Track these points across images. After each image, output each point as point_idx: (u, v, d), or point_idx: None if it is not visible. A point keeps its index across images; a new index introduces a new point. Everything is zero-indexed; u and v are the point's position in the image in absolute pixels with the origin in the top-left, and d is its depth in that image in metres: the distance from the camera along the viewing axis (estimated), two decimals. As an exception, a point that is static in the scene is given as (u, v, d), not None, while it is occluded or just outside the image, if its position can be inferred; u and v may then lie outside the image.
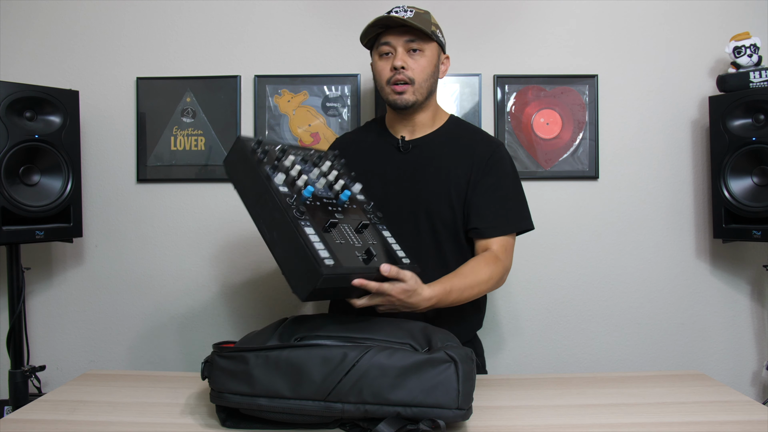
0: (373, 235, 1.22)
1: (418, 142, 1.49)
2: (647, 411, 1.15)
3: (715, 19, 2.08)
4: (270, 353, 1.02)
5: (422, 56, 1.42)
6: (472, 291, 1.31)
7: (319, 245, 1.05)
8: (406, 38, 1.41)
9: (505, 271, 1.39)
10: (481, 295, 1.36)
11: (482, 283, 1.33)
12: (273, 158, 1.21)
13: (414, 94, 1.42)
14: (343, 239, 1.13)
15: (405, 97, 1.42)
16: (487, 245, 1.41)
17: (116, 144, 2.14)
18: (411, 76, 1.41)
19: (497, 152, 1.46)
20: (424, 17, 1.43)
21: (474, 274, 1.32)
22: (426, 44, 1.43)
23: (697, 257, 2.11)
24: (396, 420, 0.98)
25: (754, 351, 2.10)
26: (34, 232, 1.80)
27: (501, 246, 1.41)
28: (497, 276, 1.36)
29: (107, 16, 2.13)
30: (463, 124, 1.56)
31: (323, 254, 1.04)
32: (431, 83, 1.45)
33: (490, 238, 1.41)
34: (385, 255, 1.19)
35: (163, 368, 2.13)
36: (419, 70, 1.42)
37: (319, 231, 1.09)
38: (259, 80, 2.10)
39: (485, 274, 1.33)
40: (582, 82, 2.09)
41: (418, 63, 1.42)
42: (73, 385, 1.32)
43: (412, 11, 1.42)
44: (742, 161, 1.88)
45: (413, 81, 1.41)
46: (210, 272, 2.14)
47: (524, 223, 1.46)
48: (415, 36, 1.41)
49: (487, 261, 1.36)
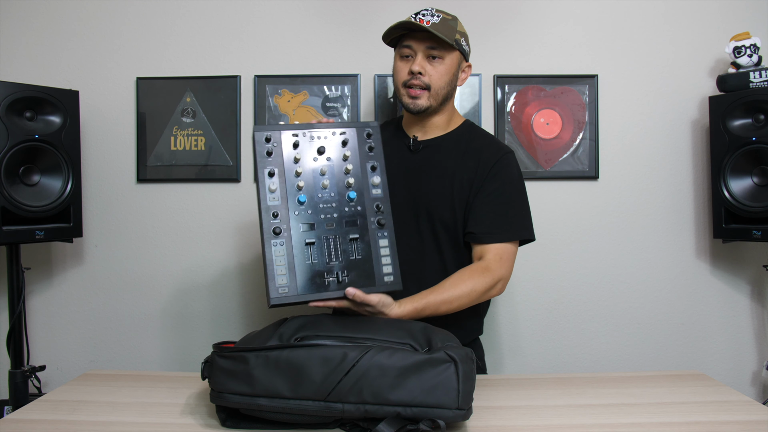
0: (363, 247, 1.22)
1: (429, 143, 1.49)
2: (647, 411, 1.15)
3: (715, 19, 2.08)
4: (270, 353, 1.02)
5: (441, 63, 1.41)
6: (450, 305, 1.31)
7: (280, 269, 1.13)
8: (428, 44, 1.40)
9: (495, 281, 1.36)
10: (463, 308, 1.34)
11: (462, 296, 1.31)
12: (279, 154, 1.21)
13: (428, 100, 1.41)
14: (319, 257, 1.18)
15: (419, 102, 1.41)
16: (483, 252, 1.39)
17: (116, 144, 2.14)
18: (428, 82, 1.40)
19: (504, 159, 1.44)
20: (450, 24, 1.41)
21: (454, 287, 1.31)
22: (447, 52, 1.41)
23: (697, 257, 2.11)
24: (396, 420, 0.98)
25: (754, 351, 2.10)
26: (34, 232, 1.80)
27: (496, 254, 1.38)
28: (481, 288, 1.33)
29: (107, 16, 2.13)
30: (476, 130, 1.54)
31: (280, 281, 1.13)
32: (448, 90, 1.44)
33: (486, 244, 1.39)
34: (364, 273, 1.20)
35: (163, 368, 2.13)
36: (437, 77, 1.41)
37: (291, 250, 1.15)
38: (259, 80, 2.10)
39: (466, 287, 1.31)
40: (582, 82, 2.09)
41: (436, 70, 1.41)
42: (73, 385, 1.32)
43: (440, 17, 1.40)
44: (742, 161, 1.87)
45: (429, 87, 1.40)
46: (210, 272, 2.14)
47: (524, 233, 1.43)
48: (437, 43, 1.39)
49: (472, 273, 1.34)
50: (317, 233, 1.19)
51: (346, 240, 1.20)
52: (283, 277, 1.13)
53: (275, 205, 1.18)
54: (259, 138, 1.21)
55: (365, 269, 1.20)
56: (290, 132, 1.23)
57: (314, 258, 1.17)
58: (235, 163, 2.11)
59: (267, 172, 1.19)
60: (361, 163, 1.27)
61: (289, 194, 1.19)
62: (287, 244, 1.15)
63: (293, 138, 1.23)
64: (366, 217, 1.24)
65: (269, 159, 1.20)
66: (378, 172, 1.27)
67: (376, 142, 1.29)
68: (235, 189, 2.12)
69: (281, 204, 1.18)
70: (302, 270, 1.16)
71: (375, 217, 1.24)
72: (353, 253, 1.20)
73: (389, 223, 1.25)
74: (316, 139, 1.25)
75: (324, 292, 1.17)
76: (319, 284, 1.17)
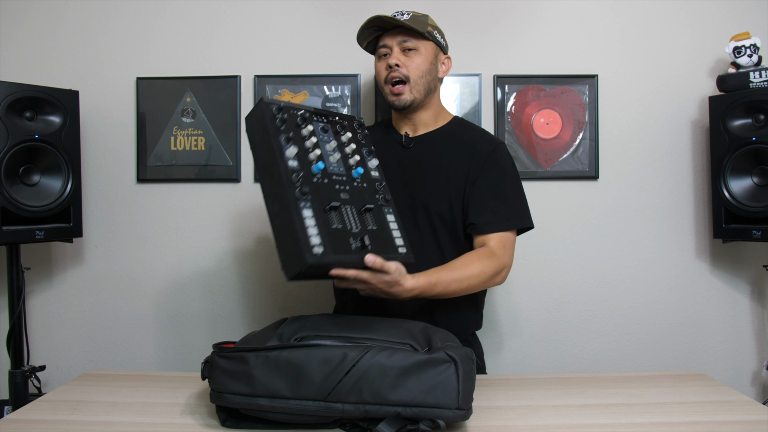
0: (376, 219, 1.21)
1: (420, 139, 1.51)
2: (647, 411, 1.15)
3: (715, 19, 2.08)
4: (270, 353, 1.02)
5: (417, 54, 1.46)
6: (460, 284, 1.31)
7: (312, 230, 1.07)
8: (400, 38, 1.46)
9: (501, 267, 1.38)
10: (471, 290, 1.35)
11: (472, 277, 1.32)
12: (292, 126, 1.20)
13: (411, 93, 1.45)
14: (341, 223, 1.14)
15: (402, 98, 1.45)
16: (485, 241, 1.41)
17: (116, 144, 2.14)
18: (405, 74, 1.45)
19: (497, 150, 1.47)
20: (420, 19, 1.47)
21: (464, 267, 1.32)
22: (420, 43, 1.46)
23: (697, 257, 2.11)
24: (396, 420, 0.98)
25: (754, 351, 2.10)
26: (34, 232, 1.80)
27: (499, 242, 1.40)
28: (490, 271, 1.35)
29: (107, 16, 2.13)
30: (465, 124, 1.57)
31: (314, 241, 1.06)
32: (428, 81, 1.47)
33: (487, 233, 1.41)
34: (382, 242, 1.19)
35: (163, 368, 2.13)
36: (413, 67, 1.45)
37: (319, 213, 1.11)
38: (259, 80, 2.10)
39: (476, 269, 1.32)
40: (582, 82, 2.09)
41: (412, 61, 1.45)
42: (73, 385, 1.32)
43: (410, 14, 1.46)
44: (742, 161, 1.87)
45: (408, 78, 1.45)
46: (210, 272, 2.14)
47: (523, 221, 1.45)
48: (409, 36, 1.45)
49: (481, 256, 1.36)
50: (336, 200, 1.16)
51: (362, 210, 1.19)
52: (316, 237, 1.06)
53: (295, 167, 1.14)
54: (269, 109, 1.19)
55: (383, 238, 1.19)
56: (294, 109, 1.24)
57: (338, 223, 1.14)
58: (235, 163, 2.11)
59: (284, 138, 1.16)
60: (358, 149, 1.30)
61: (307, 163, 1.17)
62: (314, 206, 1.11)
63: (300, 111, 1.24)
64: (372, 194, 1.25)
65: (283, 127, 1.18)
66: (373, 158, 1.32)
67: (366, 132, 1.36)
68: (235, 189, 2.13)
69: (300, 168, 1.15)
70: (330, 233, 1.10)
71: (379, 195, 1.26)
72: (369, 223, 1.19)
73: (392, 202, 1.28)
74: (319, 120, 1.27)
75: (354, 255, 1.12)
76: (347, 248, 1.12)
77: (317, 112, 1.29)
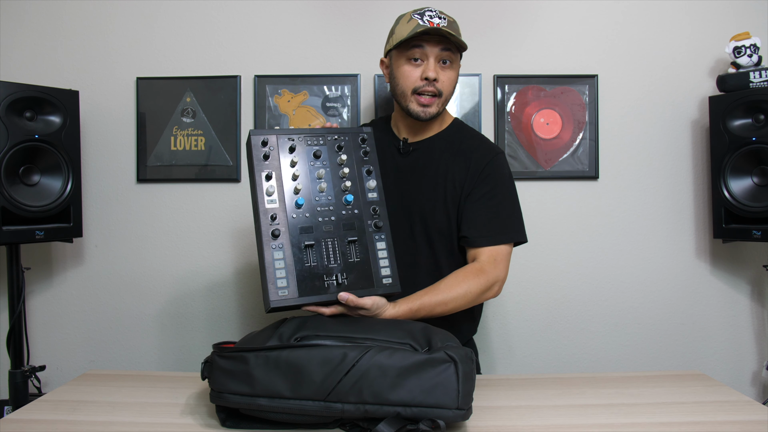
0: (361, 249, 1.22)
1: (418, 145, 1.47)
2: (647, 411, 1.15)
3: (715, 19, 2.08)
4: (270, 353, 1.02)
5: (452, 69, 1.40)
6: (445, 307, 1.30)
7: (280, 272, 1.13)
8: (441, 47, 1.36)
9: (491, 283, 1.35)
10: (459, 309, 1.33)
11: (458, 298, 1.30)
12: (276, 158, 1.21)
13: (438, 107, 1.40)
14: (318, 259, 1.17)
15: (430, 110, 1.39)
16: (476, 255, 1.38)
17: (116, 144, 2.14)
18: (440, 89, 1.38)
19: (495, 161, 1.43)
20: (455, 26, 1.38)
21: (449, 289, 1.30)
22: (456, 56, 1.40)
23: (697, 257, 2.11)
24: (396, 420, 0.98)
25: (754, 351, 2.10)
26: (34, 232, 1.80)
27: (490, 256, 1.37)
28: (477, 290, 1.32)
29: (107, 16, 2.12)
30: (465, 129, 1.52)
31: (280, 284, 1.12)
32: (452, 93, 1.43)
33: (479, 247, 1.38)
34: (363, 275, 1.20)
35: (163, 368, 2.13)
36: (448, 83, 1.39)
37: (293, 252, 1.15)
38: (259, 80, 2.10)
39: (461, 289, 1.30)
40: (582, 82, 2.09)
41: (447, 76, 1.39)
42: (73, 385, 1.32)
43: (445, 19, 1.37)
44: (742, 161, 1.87)
45: (441, 94, 1.38)
46: (210, 272, 2.14)
47: (516, 235, 1.41)
48: (450, 46, 1.37)
49: (467, 275, 1.33)
50: (316, 236, 1.19)
51: (345, 242, 1.21)
52: (282, 280, 1.12)
53: (273, 207, 1.18)
54: (256, 142, 1.21)
55: (364, 271, 1.20)
56: (286, 136, 1.24)
57: (313, 260, 1.17)
58: (235, 163, 2.11)
59: (264, 175, 1.19)
60: (357, 168, 1.27)
61: (287, 197, 1.20)
62: (286, 246, 1.15)
63: (289, 142, 1.24)
64: (363, 220, 1.24)
65: (266, 162, 1.21)
66: (373, 176, 1.28)
67: (371, 147, 1.30)
68: (235, 189, 2.13)
69: (279, 207, 1.19)
70: (302, 273, 1.15)
71: (372, 220, 1.25)
72: (352, 256, 1.20)
73: (386, 226, 1.26)
74: (312, 144, 1.25)
75: (324, 294, 1.16)
76: (319, 287, 1.16)
77: (314, 133, 1.26)
